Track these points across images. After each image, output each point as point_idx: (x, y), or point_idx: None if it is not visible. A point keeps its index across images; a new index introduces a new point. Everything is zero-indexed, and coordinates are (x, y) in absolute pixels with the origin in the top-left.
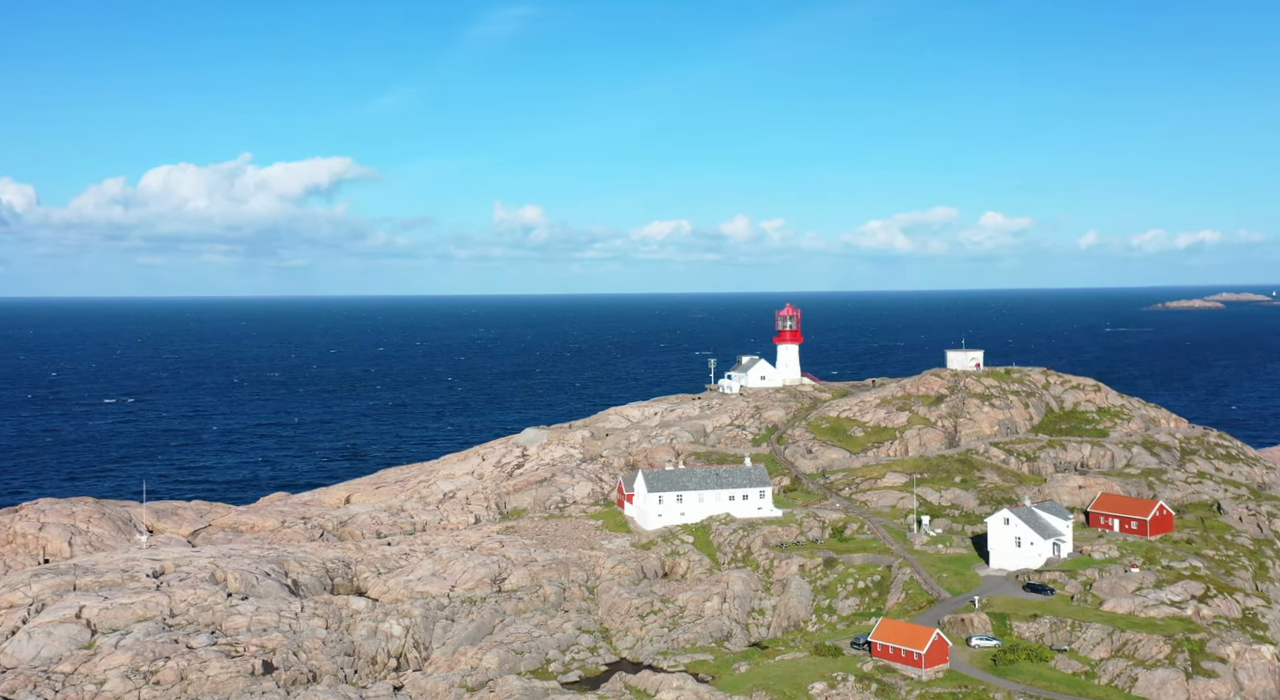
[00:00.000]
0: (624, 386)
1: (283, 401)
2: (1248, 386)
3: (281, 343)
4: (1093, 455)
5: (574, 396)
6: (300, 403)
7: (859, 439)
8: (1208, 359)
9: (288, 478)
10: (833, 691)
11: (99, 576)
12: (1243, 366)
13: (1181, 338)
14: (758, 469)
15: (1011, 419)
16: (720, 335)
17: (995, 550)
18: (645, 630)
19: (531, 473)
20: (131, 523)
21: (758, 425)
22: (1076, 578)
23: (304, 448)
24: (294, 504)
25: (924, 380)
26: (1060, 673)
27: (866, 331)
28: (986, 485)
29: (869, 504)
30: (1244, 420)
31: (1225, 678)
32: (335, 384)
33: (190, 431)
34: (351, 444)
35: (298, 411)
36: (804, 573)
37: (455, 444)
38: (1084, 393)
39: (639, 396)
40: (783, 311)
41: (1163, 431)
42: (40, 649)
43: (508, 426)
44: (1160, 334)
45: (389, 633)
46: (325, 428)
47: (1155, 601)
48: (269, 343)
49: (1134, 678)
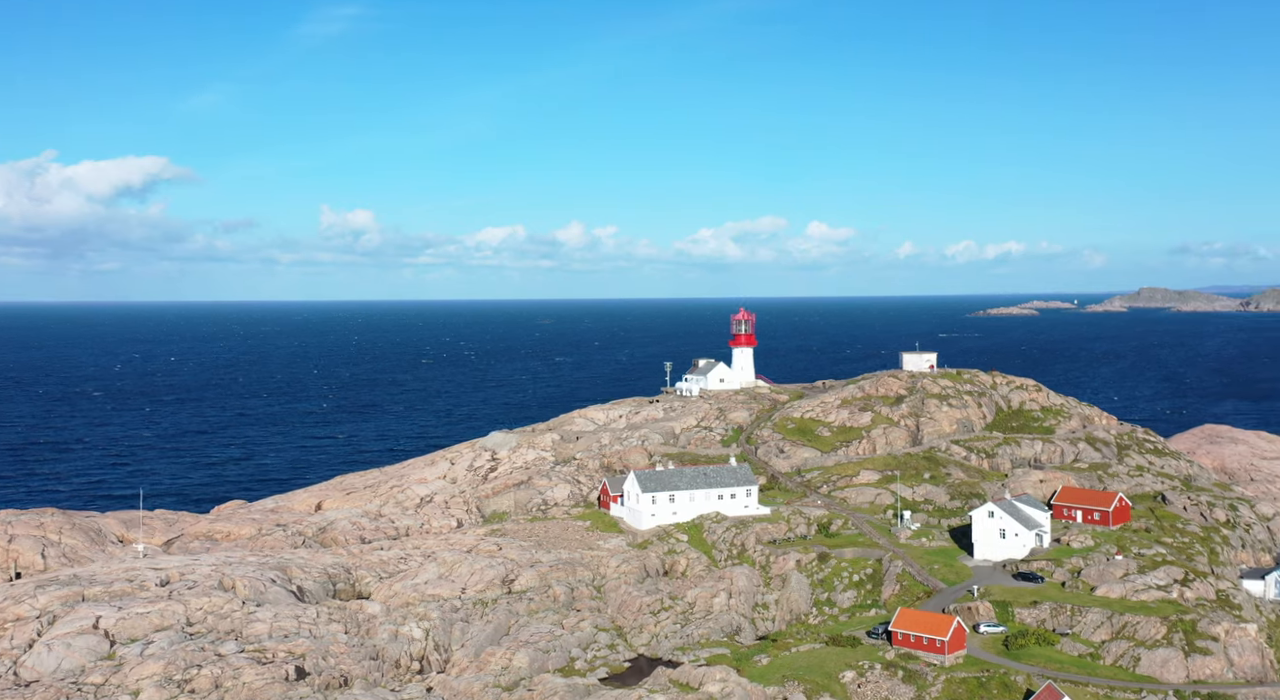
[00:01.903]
0: (511, 390)
1: (138, 411)
2: (1089, 387)
3: (103, 351)
4: (1044, 451)
5: (457, 402)
6: (170, 412)
7: (827, 439)
8: (1044, 361)
9: (177, 487)
10: (862, 679)
11: (107, 586)
12: (1075, 367)
13: (1012, 342)
14: (743, 468)
15: (968, 418)
16: (568, 340)
17: (980, 542)
18: (659, 627)
19: (507, 476)
20: (102, 533)
21: (724, 427)
22: (1063, 566)
23: (198, 458)
24: (261, 511)
25: (882, 381)
26: (1068, 655)
27: (706, 339)
28: (954, 481)
29: (848, 500)
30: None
31: (1218, 655)
32: (185, 393)
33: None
34: (241, 454)
35: (161, 421)
36: (800, 568)
37: (351, 451)
38: (1027, 392)
39: (537, 401)
40: (737, 316)
41: (1099, 428)
42: (61, 661)
43: (398, 434)
44: (990, 339)
45: (410, 636)
46: (209, 437)
47: (1143, 586)
48: (91, 350)
49: (1137, 657)
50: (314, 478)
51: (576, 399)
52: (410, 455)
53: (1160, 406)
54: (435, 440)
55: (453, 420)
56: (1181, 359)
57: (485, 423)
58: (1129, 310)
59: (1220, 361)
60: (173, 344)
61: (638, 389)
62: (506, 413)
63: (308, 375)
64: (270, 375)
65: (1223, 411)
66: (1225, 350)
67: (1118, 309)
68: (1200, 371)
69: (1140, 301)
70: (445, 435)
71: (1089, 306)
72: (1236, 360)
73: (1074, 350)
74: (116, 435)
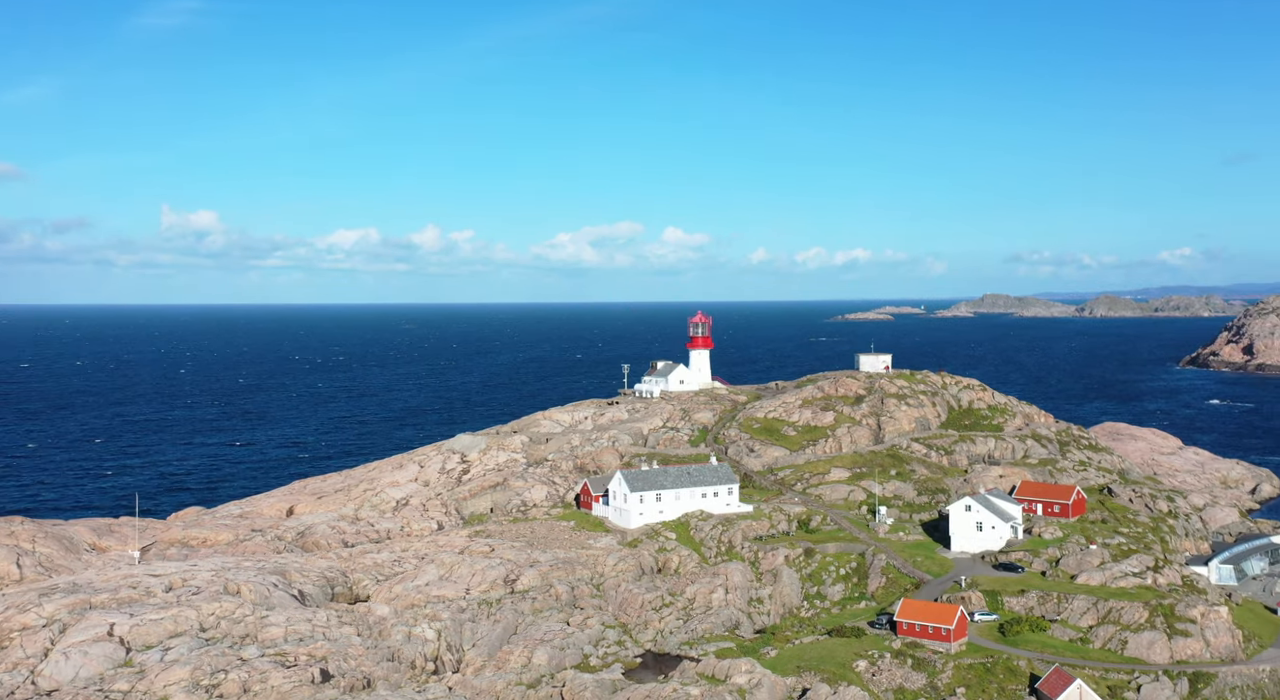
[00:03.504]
0: (402, 395)
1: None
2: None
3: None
4: (997, 448)
5: (351, 409)
6: (49, 422)
7: (794, 438)
8: (915, 364)
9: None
10: (875, 668)
11: (114, 593)
12: (948, 370)
13: (876, 346)
14: (723, 467)
15: (925, 417)
16: (435, 345)
17: (957, 534)
18: (663, 623)
19: (481, 478)
20: (74, 542)
21: (690, 427)
22: (1040, 556)
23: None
24: (229, 517)
25: (841, 382)
26: (1060, 640)
27: (580, 342)
28: (919, 477)
29: (823, 497)
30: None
31: (1197, 636)
32: (56, 400)
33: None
34: (140, 462)
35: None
36: (789, 563)
37: (261, 459)
38: (974, 392)
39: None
40: (694, 319)
41: (1040, 426)
42: (79, 669)
43: (305, 441)
44: (855, 343)
45: (423, 637)
46: (106, 446)
47: (1120, 573)
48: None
49: (1124, 641)
50: (232, 487)
51: (479, 404)
52: (326, 461)
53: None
54: (349, 447)
55: (353, 426)
56: (1039, 362)
57: (389, 429)
58: (975, 315)
59: (1073, 364)
60: (18, 350)
61: (536, 392)
62: (410, 417)
63: (179, 380)
64: (138, 380)
65: (1091, 413)
66: (1073, 354)
67: (964, 314)
68: (1059, 374)
69: (984, 307)
70: (359, 445)
71: (937, 312)
72: (1087, 363)
73: (938, 354)
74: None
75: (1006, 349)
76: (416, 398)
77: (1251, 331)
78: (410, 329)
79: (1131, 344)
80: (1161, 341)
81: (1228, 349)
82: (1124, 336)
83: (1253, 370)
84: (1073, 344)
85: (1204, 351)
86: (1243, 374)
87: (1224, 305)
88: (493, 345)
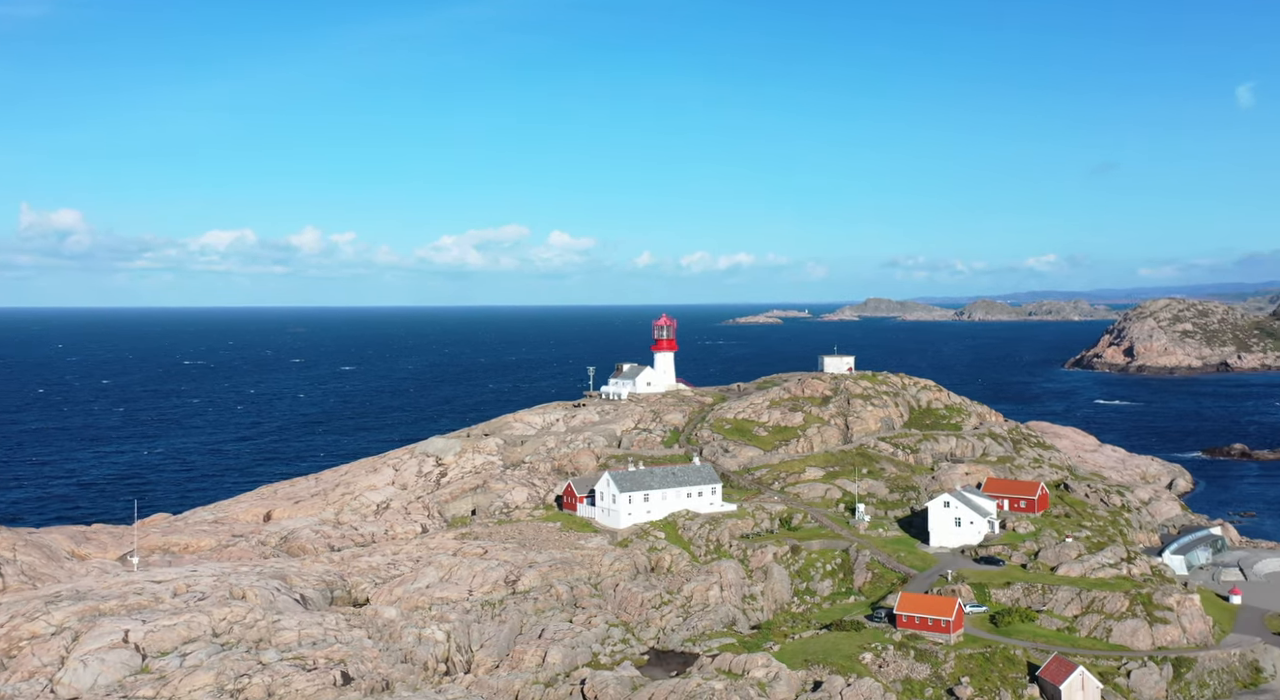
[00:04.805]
0: (306, 401)
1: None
2: None
3: None
4: (958, 446)
5: (262, 413)
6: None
7: (766, 438)
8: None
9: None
10: (880, 660)
11: (122, 600)
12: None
13: (770, 349)
14: (706, 468)
15: (890, 417)
16: (321, 348)
17: (936, 530)
18: (664, 620)
19: (460, 481)
20: (53, 549)
21: (661, 428)
22: (1018, 549)
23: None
24: (204, 523)
25: (807, 383)
26: (1048, 630)
27: (483, 347)
28: (890, 475)
29: (801, 496)
30: None
31: (1174, 623)
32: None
33: None
34: (57, 472)
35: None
36: (778, 560)
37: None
38: (932, 392)
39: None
40: (659, 321)
41: (993, 425)
42: (98, 676)
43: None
44: (750, 346)
45: (433, 638)
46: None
47: (1098, 565)
48: None
49: (1109, 629)
50: (162, 496)
51: (395, 409)
52: (249, 469)
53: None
54: (273, 452)
55: (270, 432)
56: (932, 364)
57: (304, 433)
58: (860, 319)
59: (964, 366)
60: None
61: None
62: (327, 420)
63: (68, 387)
64: (24, 387)
65: (1001, 413)
66: (962, 355)
67: (850, 317)
68: (952, 377)
69: (868, 311)
70: (277, 450)
71: (823, 315)
72: (978, 365)
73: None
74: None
75: (897, 351)
76: (326, 402)
77: (1131, 334)
78: (300, 332)
79: (1014, 346)
80: (1042, 344)
81: (1110, 351)
82: (1005, 339)
83: (1134, 371)
84: (958, 346)
85: (1088, 353)
86: (1125, 375)
87: (1090, 309)
88: (396, 349)
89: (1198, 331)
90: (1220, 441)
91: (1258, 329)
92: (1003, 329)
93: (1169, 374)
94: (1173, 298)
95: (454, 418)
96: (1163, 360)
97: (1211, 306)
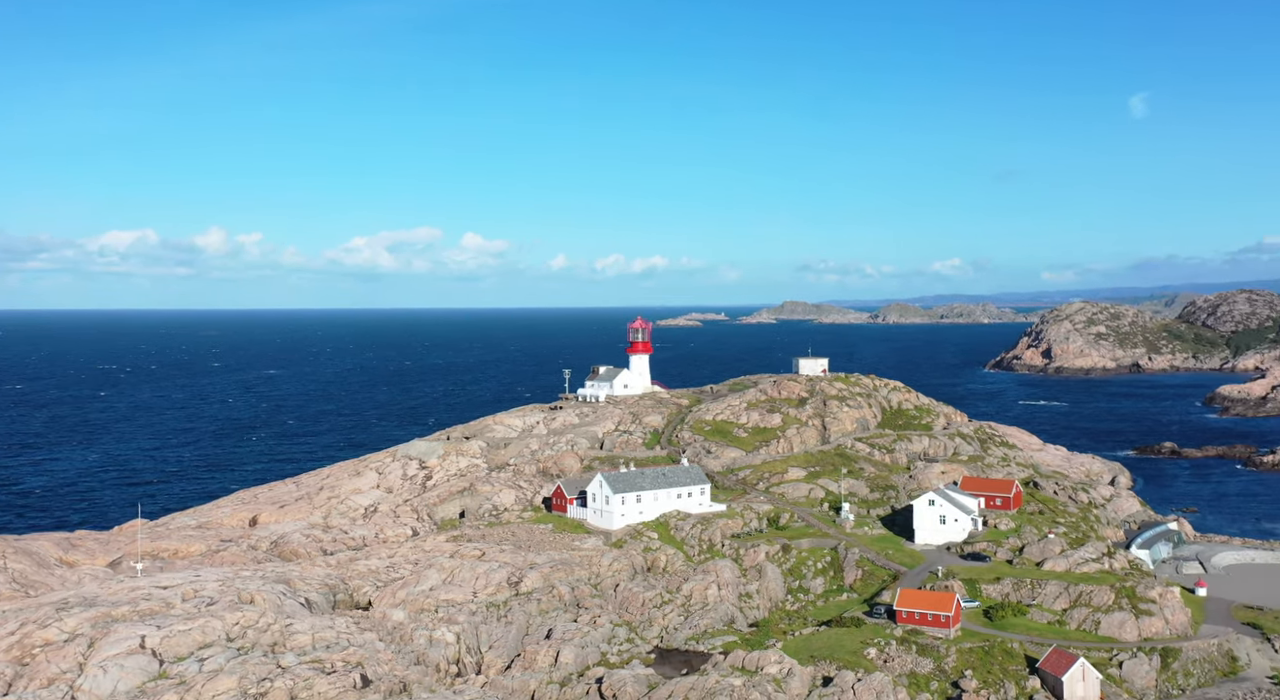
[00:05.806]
0: (236, 406)
1: None
2: None
3: None
4: (931, 446)
5: (192, 418)
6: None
7: (746, 439)
8: (747, 369)
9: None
10: (884, 655)
11: (133, 606)
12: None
13: (695, 352)
14: (694, 469)
15: (865, 418)
16: (238, 351)
17: (921, 527)
18: (667, 620)
19: (446, 484)
20: (42, 556)
21: (642, 430)
22: (1003, 546)
23: None
24: (188, 529)
25: (783, 384)
26: (1040, 623)
27: (408, 350)
28: (869, 475)
29: (785, 496)
30: None
31: (1158, 615)
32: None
33: None
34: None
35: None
36: (770, 558)
37: (120, 474)
38: (901, 393)
39: (297, 418)
40: (634, 324)
41: (960, 425)
42: (117, 682)
43: (172, 456)
44: (676, 349)
45: (444, 640)
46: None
47: (1081, 560)
48: None
49: (1097, 621)
50: (111, 502)
51: (332, 414)
52: (194, 475)
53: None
54: (216, 459)
55: (207, 437)
56: (860, 367)
57: (243, 439)
58: (778, 321)
59: (887, 368)
60: None
61: (390, 400)
62: (263, 425)
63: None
64: None
65: None
66: (883, 357)
67: (767, 320)
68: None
69: (785, 314)
70: (219, 457)
71: (741, 318)
72: (900, 366)
73: (759, 359)
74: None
75: (818, 353)
76: (258, 407)
77: (1049, 337)
78: (213, 335)
79: (932, 349)
80: (958, 346)
81: (1029, 353)
82: (922, 341)
83: (1052, 373)
84: (880, 348)
85: (1007, 355)
86: (1045, 376)
87: (999, 312)
88: (314, 352)
89: (1111, 334)
90: (1147, 441)
91: (1166, 331)
92: (917, 331)
93: (1085, 375)
94: (1086, 301)
95: (394, 421)
96: (1079, 362)
97: (1123, 310)
